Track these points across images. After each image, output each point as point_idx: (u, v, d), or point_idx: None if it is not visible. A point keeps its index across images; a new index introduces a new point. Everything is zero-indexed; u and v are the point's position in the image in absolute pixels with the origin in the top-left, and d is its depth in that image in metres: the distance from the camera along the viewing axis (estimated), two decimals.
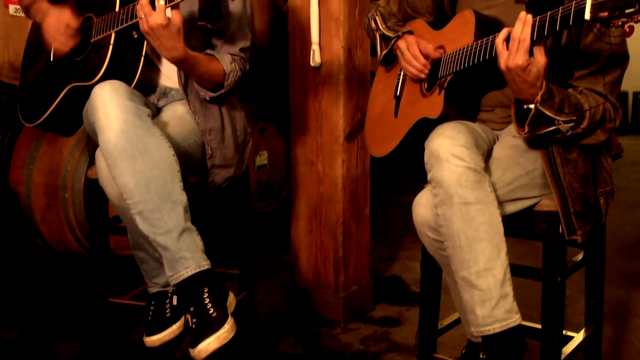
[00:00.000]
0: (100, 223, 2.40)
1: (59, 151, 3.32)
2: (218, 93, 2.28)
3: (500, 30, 1.79)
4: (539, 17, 1.68)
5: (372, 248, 3.44)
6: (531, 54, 1.71)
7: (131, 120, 1.96)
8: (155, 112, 2.34)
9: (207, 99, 2.29)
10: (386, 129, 2.33)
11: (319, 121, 3.08)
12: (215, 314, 1.93)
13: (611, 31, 1.84)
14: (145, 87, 2.34)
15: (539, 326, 2.04)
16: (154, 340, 2.28)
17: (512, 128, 1.99)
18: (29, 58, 2.56)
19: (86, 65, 2.27)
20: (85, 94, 2.07)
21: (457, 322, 2.34)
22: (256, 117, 3.97)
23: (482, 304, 1.81)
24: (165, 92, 2.39)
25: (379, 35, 2.35)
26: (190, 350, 1.92)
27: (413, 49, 2.18)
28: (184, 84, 2.28)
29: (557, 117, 1.77)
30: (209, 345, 1.90)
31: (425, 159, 1.87)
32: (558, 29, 1.64)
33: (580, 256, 2.20)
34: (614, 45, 1.85)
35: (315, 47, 3.01)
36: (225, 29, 2.31)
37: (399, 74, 2.33)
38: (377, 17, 2.37)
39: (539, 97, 1.74)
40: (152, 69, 2.37)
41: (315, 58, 3.01)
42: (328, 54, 3.01)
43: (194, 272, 1.96)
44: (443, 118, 2.04)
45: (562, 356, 2.02)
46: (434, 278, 2.20)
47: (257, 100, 4.08)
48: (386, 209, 5.31)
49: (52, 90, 2.36)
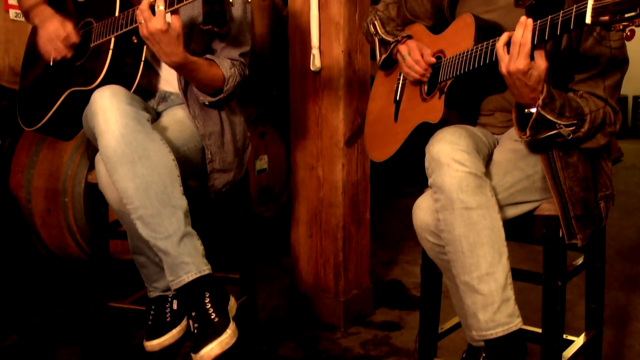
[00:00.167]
0: (100, 227, 2.40)
1: (59, 155, 3.32)
2: (217, 98, 2.28)
3: (500, 34, 1.79)
4: (539, 22, 1.68)
5: (372, 252, 3.43)
6: (532, 58, 1.71)
7: (131, 125, 1.96)
8: (155, 117, 2.34)
9: (207, 103, 2.29)
10: (386, 134, 2.32)
11: (319, 125, 3.08)
12: (217, 319, 1.93)
13: (611, 35, 1.84)
14: (145, 92, 2.35)
15: (539, 330, 2.04)
16: (154, 344, 2.28)
17: (512, 132, 2.00)
18: (29, 62, 2.56)
19: (86, 70, 2.27)
20: (84, 98, 2.07)
21: (458, 326, 2.34)
22: (256, 122, 3.97)
23: (484, 309, 1.81)
24: (165, 97, 2.39)
25: (378, 39, 2.35)
26: (193, 355, 1.91)
27: (415, 54, 2.18)
28: (184, 89, 2.28)
29: (558, 121, 1.77)
30: (211, 350, 1.90)
31: (426, 164, 1.87)
32: (559, 33, 1.64)
33: (580, 260, 2.20)
34: (614, 49, 1.86)
35: (315, 51, 3.01)
36: (225, 33, 2.31)
37: (399, 78, 2.33)
38: (376, 22, 2.37)
39: (540, 101, 1.74)
40: (152, 73, 2.37)
41: (315, 62, 3.01)
42: (328, 58, 3.01)
43: (195, 277, 1.96)
44: (443, 122, 2.04)
45: None
46: (434, 282, 2.20)
47: (257, 105, 4.08)
48: (386, 213, 5.31)
49: (52, 94, 2.36)
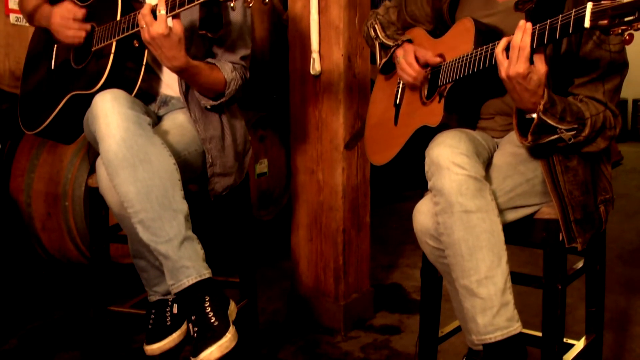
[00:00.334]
0: (100, 231, 2.40)
1: (59, 159, 3.32)
2: (219, 101, 2.28)
3: (499, 38, 1.80)
4: (538, 26, 1.69)
5: (372, 256, 3.43)
6: (531, 62, 1.72)
7: (132, 129, 1.96)
8: (156, 121, 2.34)
9: (208, 107, 2.29)
10: (386, 137, 2.33)
11: (319, 129, 3.08)
12: (217, 323, 1.93)
13: (611, 39, 1.84)
14: (146, 96, 2.35)
15: (539, 334, 2.04)
16: (154, 348, 2.28)
17: (512, 136, 2.00)
18: (30, 66, 2.57)
19: (87, 74, 2.27)
20: (86, 102, 2.08)
21: (458, 330, 2.33)
22: (256, 125, 3.97)
23: (483, 312, 1.81)
24: (166, 101, 2.39)
25: (378, 43, 2.35)
26: (192, 359, 1.92)
27: (408, 57, 2.19)
28: (185, 93, 2.29)
29: (560, 126, 1.77)
30: (210, 354, 1.90)
31: (426, 168, 1.88)
32: (558, 37, 1.65)
33: (580, 264, 2.20)
34: (613, 53, 1.86)
35: (315, 55, 3.01)
36: (225, 37, 2.31)
37: (399, 82, 2.33)
38: (376, 26, 2.38)
39: (541, 106, 1.74)
40: (153, 77, 2.37)
41: (315, 66, 3.01)
42: (328, 62, 3.02)
43: (195, 280, 1.96)
44: (443, 126, 2.04)
45: None
46: (434, 286, 2.20)
47: (257, 108, 4.08)
48: (386, 216, 5.31)
49: (53, 98, 2.36)
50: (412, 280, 3.85)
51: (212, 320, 1.93)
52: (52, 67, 2.42)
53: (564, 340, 2.11)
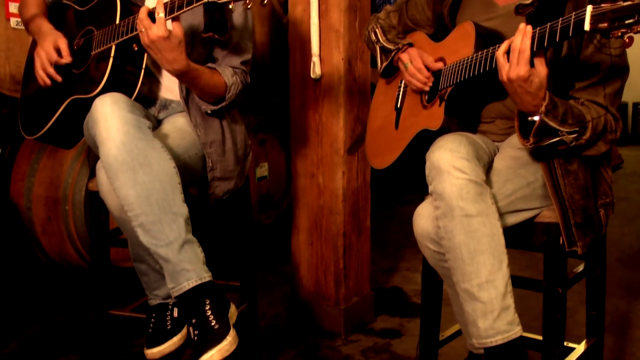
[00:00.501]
0: (100, 235, 2.40)
1: (59, 163, 3.32)
2: (219, 106, 2.28)
3: (500, 41, 1.80)
4: (538, 29, 1.69)
5: (373, 259, 3.43)
6: (532, 65, 1.72)
7: (132, 133, 1.96)
8: (156, 125, 2.34)
9: (209, 112, 2.29)
10: (387, 141, 2.33)
11: (319, 133, 3.08)
12: (217, 326, 1.93)
13: (611, 42, 1.84)
14: (146, 100, 2.35)
15: (540, 338, 2.04)
16: (154, 352, 2.28)
17: (513, 139, 2.00)
18: (31, 71, 2.56)
19: (87, 78, 2.27)
20: (86, 106, 2.08)
21: (458, 333, 2.33)
22: (256, 129, 3.98)
23: (484, 316, 1.81)
24: (166, 105, 2.39)
25: (379, 47, 2.35)
26: None
27: (416, 62, 2.19)
28: (185, 97, 2.29)
29: (561, 128, 1.77)
30: (211, 357, 1.90)
31: (427, 172, 1.88)
32: (558, 39, 1.65)
33: (581, 267, 2.20)
34: (614, 57, 1.86)
35: (315, 59, 3.01)
36: (227, 42, 2.31)
37: (400, 86, 2.33)
38: (377, 30, 2.38)
39: (543, 108, 1.74)
40: (153, 81, 2.37)
41: (315, 70, 3.02)
42: (328, 65, 3.02)
43: (195, 284, 1.96)
44: (444, 130, 2.05)
45: None
46: (435, 289, 2.20)
47: (257, 112, 4.09)
48: (386, 220, 5.31)
49: (53, 102, 2.36)
50: (413, 283, 3.84)
51: (212, 324, 1.93)
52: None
53: (565, 344, 2.11)
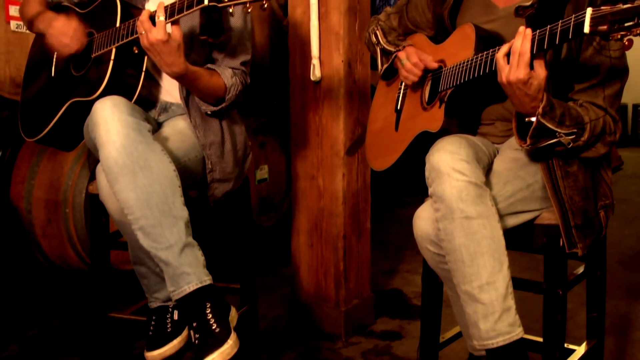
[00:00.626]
0: (100, 238, 2.40)
1: (59, 166, 3.32)
2: (219, 107, 2.28)
3: (500, 44, 1.80)
4: (538, 31, 1.69)
5: (373, 261, 3.43)
6: (531, 67, 1.72)
7: (132, 136, 1.96)
8: (156, 127, 2.34)
9: (209, 113, 2.29)
10: (387, 143, 2.33)
11: (320, 135, 3.08)
12: (218, 329, 1.93)
13: (611, 45, 1.84)
14: (146, 102, 2.35)
15: (540, 339, 2.04)
16: (154, 355, 2.28)
17: (513, 141, 2.00)
18: (31, 73, 2.57)
19: (87, 81, 2.28)
20: (86, 109, 2.08)
21: (459, 335, 2.33)
22: (256, 131, 3.98)
23: (485, 318, 1.81)
24: (166, 107, 2.39)
25: (380, 49, 2.36)
26: None
27: (413, 58, 2.19)
28: (186, 98, 2.29)
29: (559, 130, 1.77)
30: None
31: (426, 174, 1.88)
32: (558, 42, 1.65)
33: (581, 269, 2.20)
34: (613, 59, 1.86)
35: (315, 61, 3.01)
36: (226, 43, 2.31)
37: (400, 88, 2.34)
38: (377, 32, 2.38)
39: (540, 110, 1.74)
40: (153, 84, 2.37)
41: (315, 72, 3.02)
42: (328, 68, 3.02)
43: (196, 287, 1.96)
44: (444, 131, 2.05)
45: None
46: (435, 291, 2.19)
47: (257, 115, 4.09)
48: (387, 222, 5.31)
49: (53, 105, 2.37)
50: (413, 285, 3.84)
51: (213, 327, 1.93)
52: (52, 74, 2.42)
53: (565, 345, 2.11)
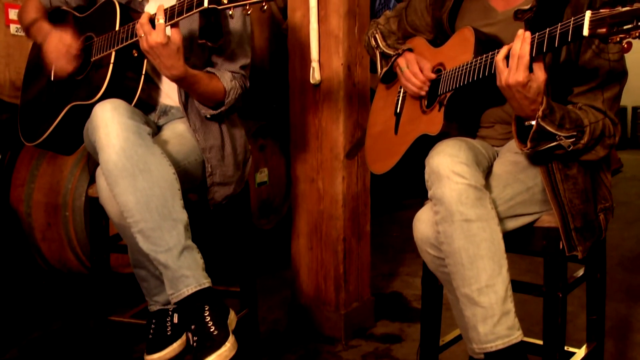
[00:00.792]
0: (100, 241, 2.40)
1: (59, 170, 3.32)
2: (219, 110, 2.28)
3: (499, 47, 1.80)
4: (537, 34, 1.69)
5: (373, 264, 3.43)
6: (531, 70, 1.72)
7: (132, 139, 1.96)
8: (156, 131, 2.35)
9: (208, 116, 2.29)
10: (386, 146, 2.33)
11: (319, 138, 3.09)
12: (216, 332, 1.93)
13: (610, 47, 1.85)
14: (146, 106, 2.35)
15: (540, 342, 2.04)
16: (154, 358, 2.28)
17: (512, 144, 2.00)
18: (30, 77, 2.57)
19: (87, 84, 2.28)
20: (85, 112, 2.08)
21: (459, 338, 2.33)
22: (256, 135, 3.98)
23: (484, 321, 1.80)
24: (166, 111, 2.40)
25: (379, 53, 2.36)
26: None
27: (412, 67, 2.19)
28: (185, 102, 2.29)
29: (559, 133, 1.77)
30: None
31: (426, 177, 1.88)
32: (557, 45, 1.65)
33: (581, 272, 2.19)
34: (612, 62, 1.86)
35: (314, 64, 3.01)
36: (225, 46, 2.31)
37: (399, 91, 2.34)
38: (377, 35, 2.38)
39: (540, 113, 1.74)
40: (153, 87, 2.38)
41: (315, 75, 3.02)
42: (328, 71, 3.02)
43: (194, 290, 1.96)
44: (443, 135, 2.05)
45: None
46: (435, 294, 2.19)
47: (257, 118, 4.09)
48: (386, 225, 5.30)
49: (53, 109, 2.37)
50: (413, 288, 3.84)
51: (211, 330, 1.93)
52: (52, 78, 2.42)
53: (565, 348, 2.11)
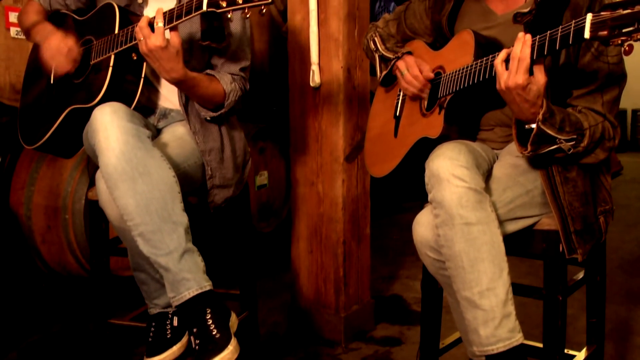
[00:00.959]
0: (100, 244, 2.40)
1: (59, 173, 3.32)
2: (219, 113, 2.29)
3: (499, 50, 1.80)
4: (538, 37, 1.69)
5: (373, 267, 3.43)
6: (531, 73, 1.72)
7: (131, 142, 1.96)
8: (155, 134, 2.35)
9: (208, 118, 2.29)
10: (386, 149, 2.33)
11: (319, 141, 3.09)
12: (218, 335, 1.93)
13: (609, 50, 1.85)
14: (145, 109, 2.35)
15: (540, 345, 2.03)
16: None
17: (512, 147, 2.00)
18: (30, 80, 2.57)
19: (86, 87, 2.28)
20: (85, 116, 2.08)
21: (459, 341, 2.33)
22: (256, 137, 3.98)
23: (485, 324, 1.80)
24: (165, 114, 2.40)
25: (378, 56, 2.36)
26: None
27: (413, 70, 2.19)
28: (185, 104, 2.29)
29: (559, 136, 1.78)
30: None
31: (426, 180, 1.87)
32: (558, 47, 1.65)
33: (581, 274, 2.19)
34: (611, 65, 1.86)
35: (314, 67, 3.01)
36: (225, 49, 2.32)
37: (399, 94, 2.34)
38: (376, 38, 2.38)
39: (540, 116, 1.74)
40: (152, 90, 2.38)
41: (314, 78, 3.02)
42: (327, 74, 3.02)
43: (195, 293, 1.96)
44: (443, 137, 2.05)
45: None
46: (435, 297, 2.19)
47: (256, 120, 4.09)
48: (386, 228, 5.30)
49: (53, 112, 2.37)
50: (413, 291, 3.84)
51: (213, 333, 1.93)
52: (52, 81, 2.42)
53: (565, 351, 2.11)
